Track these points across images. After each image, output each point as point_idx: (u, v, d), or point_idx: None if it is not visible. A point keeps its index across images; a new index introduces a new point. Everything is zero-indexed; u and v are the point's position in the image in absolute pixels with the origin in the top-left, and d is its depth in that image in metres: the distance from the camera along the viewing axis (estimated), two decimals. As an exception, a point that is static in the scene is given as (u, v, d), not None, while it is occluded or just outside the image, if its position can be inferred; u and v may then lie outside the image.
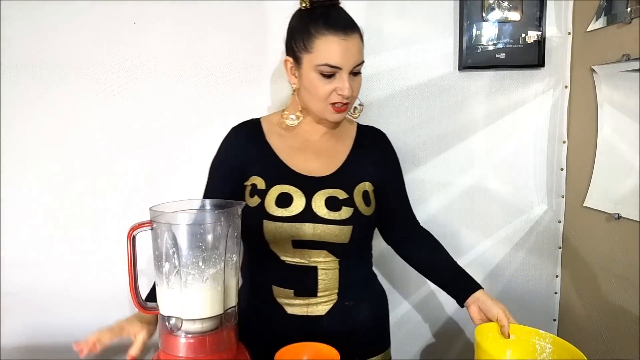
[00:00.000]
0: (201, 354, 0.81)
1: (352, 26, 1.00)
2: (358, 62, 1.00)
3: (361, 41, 1.02)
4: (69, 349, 1.46)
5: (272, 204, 1.01)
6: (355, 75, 1.03)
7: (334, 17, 1.00)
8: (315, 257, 1.04)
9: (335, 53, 0.97)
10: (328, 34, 0.97)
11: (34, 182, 1.40)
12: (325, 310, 1.05)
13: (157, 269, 0.83)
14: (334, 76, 0.99)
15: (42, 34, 1.36)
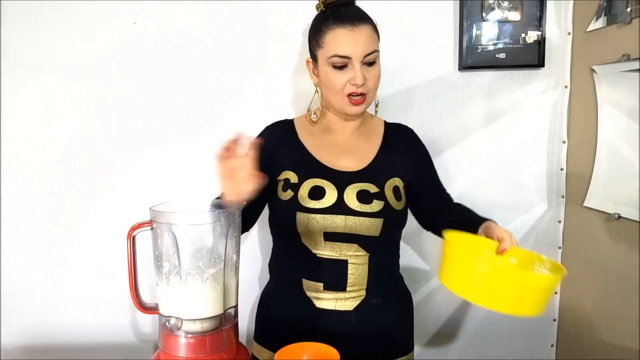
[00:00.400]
0: (201, 354, 0.81)
1: (360, 17, 1.03)
2: (368, 51, 1.02)
3: (374, 32, 1.04)
4: (69, 349, 1.47)
5: (305, 196, 1.03)
6: (370, 65, 1.04)
7: (342, 12, 1.03)
8: (346, 250, 1.05)
9: (343, 43, 1.00)
10: (336, 27, 1.01)
11: (34, 182, 1.40)
12: (353, 306, 1.06)
13: (157, 269, 0.83)
14: (346, 67, 1.02)
15: (42, 34, 1.36)
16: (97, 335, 1.46)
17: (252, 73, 1.42)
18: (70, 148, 1.40)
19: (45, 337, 1.45)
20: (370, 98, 1.07)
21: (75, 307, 1.45)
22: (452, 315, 1.56)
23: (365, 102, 1.05)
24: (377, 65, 1.06)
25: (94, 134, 1.40)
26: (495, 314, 1.59)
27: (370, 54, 1.02)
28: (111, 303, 1.44)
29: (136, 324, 1.47)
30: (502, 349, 1.58)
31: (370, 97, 1.07)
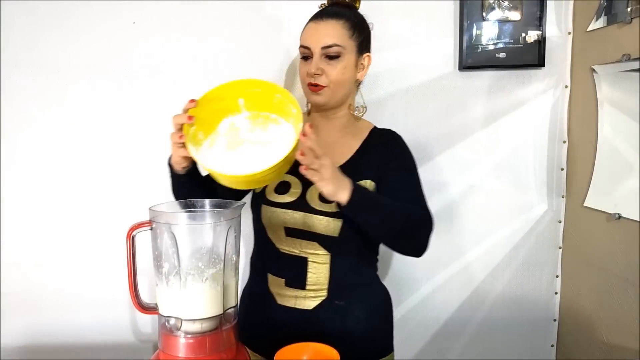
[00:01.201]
0: (201, 354, 0.81)
1: (332, 14, 1.05)
2: (327, 44, 1.03)
3: (343, 28, 1.04)
4: (69, 349, 1.47)
5: (271, 190, 1.07)
6: (332, 59, 1.04)
7: (323, 10, 1.08)
8: (306, 248, 1.05)
9: (306, 35, 1.06)
10: (309, 22, 1.07)
11: (34, 182, 1.40)
12: (312, 306, 1.05)
13: (156, 269, 0.83)
14: (310, 59, 1.05)
15: (42, 34, 1.36)
16: (97, 336, 1.45)
17: (252, 72, 1.42)
18: (70, 148, 1.40)
19: (45, 337, 1.45)
20: (334, 91, 1.06)
21: (75, 307, 1.44)
22: (452, 316, 1.56)
23: (325, 93, 1.06)
24: (343, 60, 1.05)
25: (94, 133, 1.40)
26: (495, 313, 1.59)
27: (329, 47, 1.03)
28: (111, 303, 1.44)
29: (136, 324, 1.47)
30: (502, 349, 1.58)
31: (334, 90, 1.06)
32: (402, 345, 1.55)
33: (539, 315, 1.56)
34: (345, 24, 1.05)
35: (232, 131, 0.92)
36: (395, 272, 1.53)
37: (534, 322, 1.57)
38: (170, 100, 1.41)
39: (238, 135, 0.91)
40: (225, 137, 0.92)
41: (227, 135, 0.92)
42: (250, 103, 0.92)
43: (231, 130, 0.92)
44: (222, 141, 0.91)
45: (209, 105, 0.89)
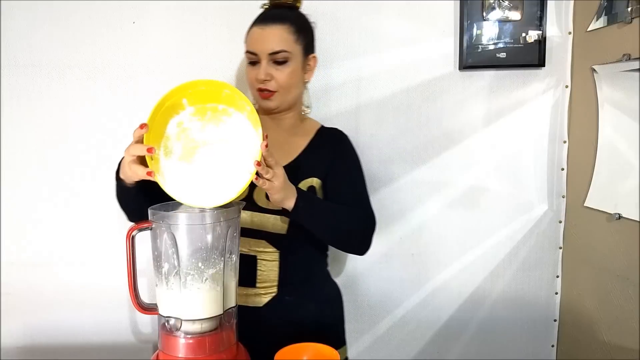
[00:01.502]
0: (200, 355, 0.81)
1: (276, 19, 1.06)
2: (274, 50, 1.05)
3: (288, 33, 1.06)
4: (69, 349, 1.47)
5: None
6: (280, 64, 1.06)
7: (266, 13, 1.09)
8: (255, 246, 1.07)
9: (252, 40, 1.07)
10: (253, 26, 1.08)
11: (34, 182, 1.40)
12: (263, 302, 1.07)
13: (156, 269, 0.83)
14: (258, 64, 1.06)
15: (42, 34, 1.36)
16: (97, 336, 1.46)
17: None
18: (71, 148, 1.40)
19: (45, 337, 1.45)
20: (284, 95, 1.09)
21: (75, 308, 1.44)
22: (452, 316, 1.56)
23: (275, 98, 1.08)
24: (291, 65, 1.07)
25: (94, 133, 1.40)
26: (495, 313, 1.59)
27: (277, 53, 1.05)
28: (111, 303, 1.44)
29: (135, 325, 1.47)
30: (502, 349, 1.57)
31: (283, 94, 1.08)
32: (402, 345, 1.56)
33: (539, 315, 1.56)
34: (290, 29, 1.07)
35: (183, 133, 0.86)
36: (395, 272, 1.53)
37: (534, 322, 1.57)
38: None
39: (189, 136, 0.86)
40: (178, 141, 0.86)
41: (179, 140, 0.86)
42: (195, 99, 0.87)
43: (182, 133, 0.86)
44: (177, 148, 0.86)
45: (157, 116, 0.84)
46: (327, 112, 1.45)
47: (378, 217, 1.50)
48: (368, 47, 1.44)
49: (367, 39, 1.44)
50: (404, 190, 1.49)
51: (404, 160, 1.49)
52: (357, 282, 1.52)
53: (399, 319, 1.54)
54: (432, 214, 1.51)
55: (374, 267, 1.52)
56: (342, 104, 1.45)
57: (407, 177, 1.49)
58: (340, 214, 1.05)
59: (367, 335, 1.54)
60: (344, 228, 1.06)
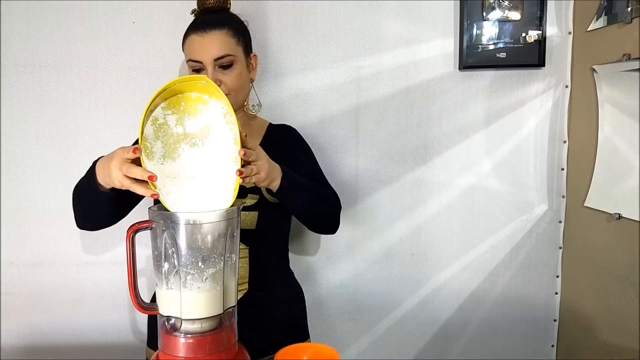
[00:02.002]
0: (200, 354, 0.81)
1: (213, 25, 1.07)
2: (218, 55, 1.06)
3: (229, 37, 1.08)
4: (69, 349, 1.47)
5: None
6: (226, 68, 1.08)
7: (200, 19, 1.09)
8: None
9: (194, 49, 1.07)
10: (190, 34, 1.08)
11: (34, 181, 1.40)
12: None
13: (156, 268, 0.83)
14: (203, 70, 1.07)
15: (42, 34, 1.36)
16: (97, 336, 1.46)
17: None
18: (70, 147, 1.40)
19: (44, 337, 1.45)
20: (235, 97, 1.10)
21: (74, 307, 1.44)
22: (451, 316, 1.56)
23: None
24: (237, 68, 1.09)
25: (94, 133, 1.40)
26: (495, 313, 1.59)
27: (221, 58, 1.06)
28: (110, 303, 1.44)
29: (135, 324, 1.47)
30: (502, 349, 1.57)
31: (235, 96, 1.10)
32: (402, 345, 1.56)
33: (539, 315, 1.56)
34: (229, 32, 1.08)
35: (159, 130, 0.84)
36: (395, 272, 1.53)
37: (534, 322, 1.57)
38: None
39: (168, 132, 0.84)
40: (156, 140, 0.84)
41: (157, 138, 0.84)
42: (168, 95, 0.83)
43: (159, 130, 0.83)
44: (157, 147, 0.83)
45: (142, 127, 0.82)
46: (327, 112, 1.45)
47: (377, 216, 1.51)
48: (368, 47, 1.44)
49: (367, 39, 1.44)
50: (404, 190, 1.49)
51: (404, 160, 1.49)
52: (357, 282, 1.52)
53: (399, 319, 1.54)
54: (432, 214, 1.51)
55: (374, 267, 1.52)
56: (342, 104, 1.45)
57: (407, 177, 1.49)
58: (318, 192, 1.10)
59: (367, 335, 1.54)
60: (322, 206, 1.11)
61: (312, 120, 1.45)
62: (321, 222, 1.16)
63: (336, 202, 1.17)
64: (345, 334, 1.54)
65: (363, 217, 1.50)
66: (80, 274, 1.44)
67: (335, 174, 1.46)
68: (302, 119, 1.43)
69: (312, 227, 1.17)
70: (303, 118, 1.44)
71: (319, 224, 1.17)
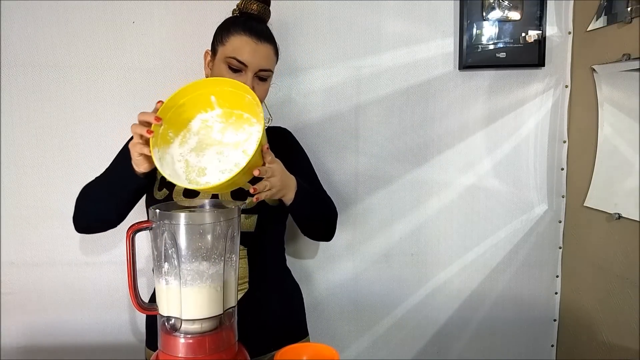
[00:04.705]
0: (200, 354, 0.81)
1: (267, 37, 1.10)
2: (264, 67, 1.08)
3: (274, 54, 1.12)
4: (69, 349, 1.47)
5: (179, 195, 1.06)
6: (262, 80, 1.10)
7: (253, 24, 1.10)
8: None
9: (244, 50, 1.07)
10: (243, 34, 1.08)
11: (34, 181, 1.40)
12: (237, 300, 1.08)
13: (156, 268, 0.83)
14: (240, 72, 1.07)
15: (42, 34, 1.36)
16: (97, 336, 1.46)
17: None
18: (70, 147, 1.40)
19: (44, 337, 1.45)
20: None
21: (74, 307, 1.45)
22: (451, 316, 1.56)
23: None
24: (268, 82, 1.13)
25: (94, 133, 1.40)
26: (495, 313, 1.59)
27: (264, 71, 1.09)
28: (110, 303, 1.44)
29: (135, 324, 1.47)
30: (502, 349, 1.58)
31: None
32: (402, 345, 1.56)
33: (539, 315, 1.56)
34: (274, 50, 1.12)
35: (204, 130, 0.91)
36: (395, 272, 1.53)
37: (534, 322, 1.57)
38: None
39: (210, 135, 0.90)
40: (197, 135, 0.90)
41: (198, 134, 0.90)
42: (222, 101, 0.91)
43: (203, 129, 0.91)
44: (193, 141, 0.90)
45: (180, 103, 0.89)
46: (327, 112, 1.45)
47: (377, 216, 1.51)
48: (368, 47, 1.44)
49: (367, 39, 1.44)
50: (404, 190, 1.49)
51: (404, 160, 1.49)
52: (357, 282, 1.52)
53: (399, 319, 1.54)
54: (432, 214, 1.51)
55: (374, 267, 1.52)
56: (342, 104, 1.45)
57: (407, 177, 1.49)
58: (322, 202, 1.13)
59: (367, 335, 1.54)
60: (326, 215, 1.14)
61: (312, 120, 1.45)
62: (322, 230, 1.18)
63: (334, 209, 1.18)
64: (345, 334, 1.54)
65: (363, 217, 1.50)
66: (80, 274, 1.44)
67: (335, 173, 1.47)
68: (302, 119, 1.44)
69: (311, 234, 1.18)
70: (303, 118, 1.44)
71: (320, 232, 1.18)
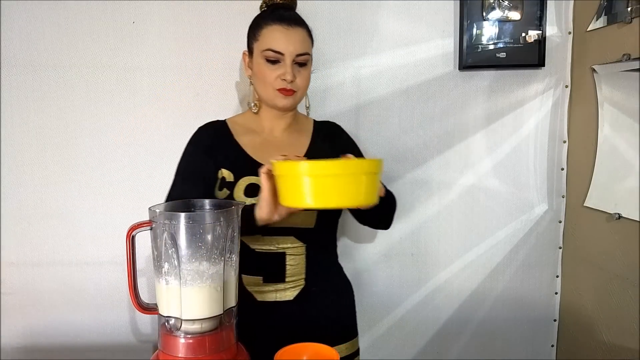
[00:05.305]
0: (200, 354, 0.81)
1: (297, 21, 1.10)
2: (301, 52, 1.08)
3: (308, 37, 1.11)
4: (69, 349, 1.47)
5: (240, 194, 1.07)
6: (301, 66, 1.10)
7: (281, 12, 1.10)
8: (283, 243, 1.09)
9: (278, 39, 1.07)
10: (272, 24, 1.08)
11: (34, 181, 1.40)
12: (293, 296, 1.10)
13: (156, 269, 0.83)
14: (278, 63, 1.07)
15: (42, 33, 1.36)
16: (97, 336, 1.46)
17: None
18: (70, 147, 1.40)
19: (45, 337, 1.45)
20: (300, 95, 1.13)
21: (74, 307, 1.44)
22: (451, 316, 1.56)
23: (293, 97, 1.10)
24: (308, 67, 1.12)
25: (94, 133, 1.40)
26: (495, 313, 1.59)
27: (302, 55, 1.08)
28: (110, 303, 1.44)
29: (135, 324, 1.47)
30: (502, 349, 1.58)
31: (300, 94, 1.12)
32: (402, 345, 1.56)
33: (539, 315, 1.56)
34: (308, 32, 1.11)
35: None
36: (396, 272, 1.53)
37: (534, 322, 1.57)
38: (169, 100, 1.42)
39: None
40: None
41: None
42: None
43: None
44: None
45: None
46: (327, 112, 1.45)
47: (378, 217, 1.51)
48: (368, 47, 1.44)
49: (367, 39, 1.44)
50: (404, 190, 1.49)
51: (404, 160, 1.49)
52: (357, 282, 1.52)
53: (399, 319, 1.54)
54: (432, 214, 1.51)
55: (373, 267, 1.52)
56: (342, 104, 1.46)
57: (407, 177, 1.49)
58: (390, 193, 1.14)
59: (367, 335, 1.54)
60: (394, 205, 1.16)
61: (312, 120, 1.45)
62: (390, 219, 1.18)
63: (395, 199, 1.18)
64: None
65: (363, 217, 1.50)
66: (80, 274, 1.44)
67: (335, 174, 1.46)
68: (302, 119, 1.43)
69: (377, 224, 1.20)
70: (303, 118, 1.44)
71: (389, 221, 1.19)
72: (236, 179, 1.08)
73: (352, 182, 0.83)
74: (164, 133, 1.42)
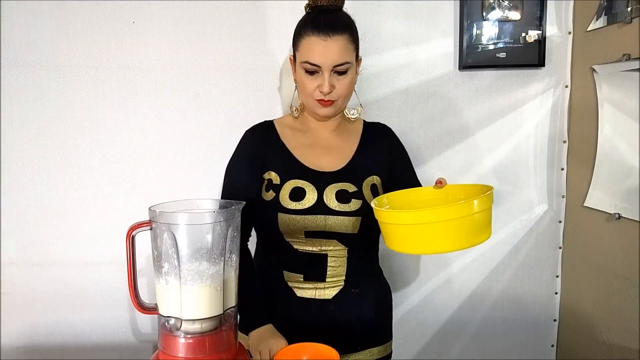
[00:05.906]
0: (200, 354, 0.81)
1: (337, 29, 1.04)
2: (338, 62, 1.04)
3: (349, 43, 1.06)
4: (69, 349, 1.47)
5: (286, 198, 1.07)
6: (341, 74, 1.07)
7: (320, 20, 1.05)
8: (326, 245, 1.09)
9: (314, 52, 1.04)
10: (311, 34, 1.04)
11: (34, 181, 1.40)
12: (332, 295, 1.10)
13: (156, 269, 0.83)
14: (317, 74, 1.06)
15: (42, 33, 1.36)
16: (97, 336, 1.46)
17: (252, 72, 1.42)
18: (70, 147, 1.40)
19: (45, 337, 1.45)
20: (341, 103, 1.10)
21: (74, 307, 1.44)
22: (452, 316, 1.56)
23: (334, 106, 1.09)
24: (350, 74, 1.08)
25: (94, 133, 1.40)
26: (495, 313, 1.59)
27: (340, 65, 1.05)
28: (110, 303, 1.44)
29: (135, 324, 1.47)
30: (502, 349, 1.58)
31: (341, 102, 1.10)
32: (402, 345, 1.56)
33: (539, 315, 1.56)
34: (349, 38, 1.06)
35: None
36: (395, 273, 1.53)
37: (534, 322, 1.57)
38: (169, 100, 1.42)
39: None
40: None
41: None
42: None
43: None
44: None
45: None
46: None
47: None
48: (368, 47, 1.44)
49: (367, 39, 1.44)
50: (404, 190, 1.49)
51: (404, 160, 1.49)
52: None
53: (398, 318, 1.54)
54: (432, 214, 1.51)
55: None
56: (342, 104, 1.45)
57: (407, 177, 1.49)
58: None
59: (367, 335, 1.54)
60: None
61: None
62: None
63: None
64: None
65: (363, 217, 1.50)
66: (80, 274, 1.44)
67: (335, 174, 1.46)
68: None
69: None
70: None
71: None
72: (282, 182, 1.08)
73: (461, 225, 0.83)
74: (164, 133, 1.42)
